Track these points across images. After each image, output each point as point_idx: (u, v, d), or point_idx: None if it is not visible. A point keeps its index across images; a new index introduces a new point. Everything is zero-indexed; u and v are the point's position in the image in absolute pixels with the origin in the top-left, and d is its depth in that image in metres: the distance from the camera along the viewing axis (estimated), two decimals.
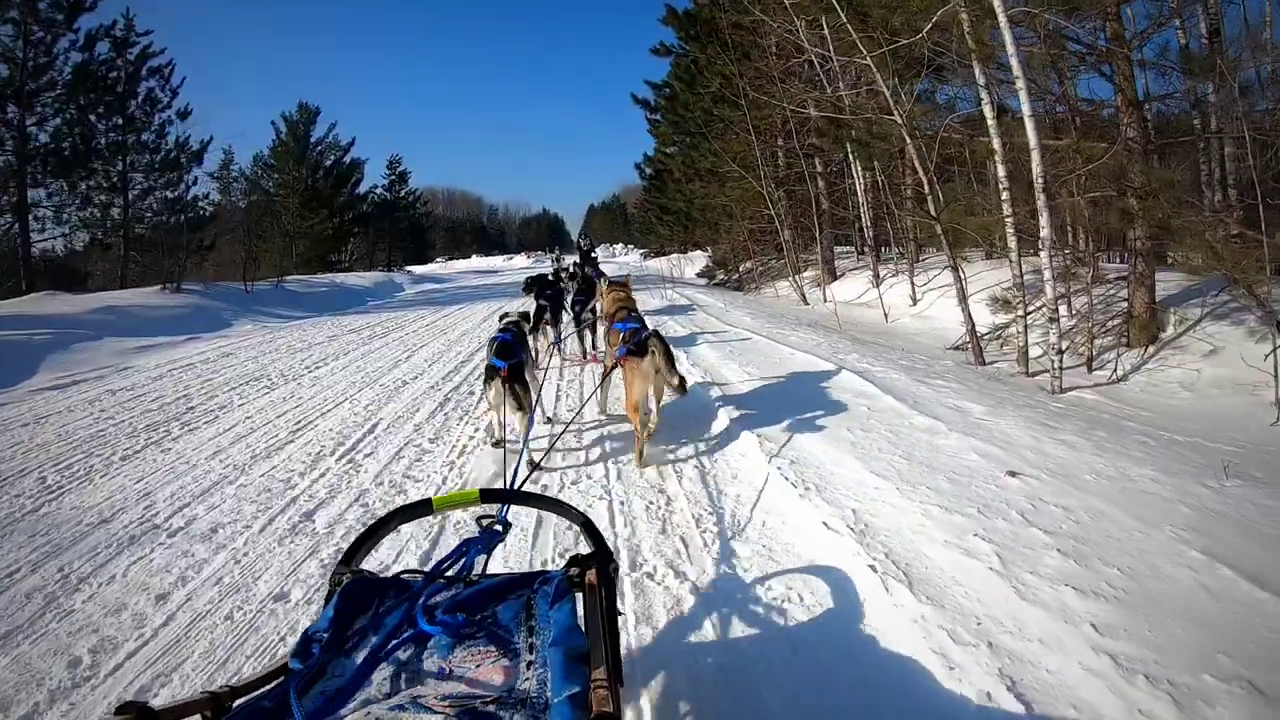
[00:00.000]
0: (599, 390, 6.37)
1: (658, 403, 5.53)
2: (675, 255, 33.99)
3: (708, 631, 3.06)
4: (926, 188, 9.89)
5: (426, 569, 1.91)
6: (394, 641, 1.62)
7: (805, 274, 17.90)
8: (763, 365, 8.01)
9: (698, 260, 29.63)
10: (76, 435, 6.79)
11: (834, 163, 18.15)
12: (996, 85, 8.95)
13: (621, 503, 4.48)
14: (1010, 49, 7.46)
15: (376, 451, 5.82)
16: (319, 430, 6.56)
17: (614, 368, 5.54)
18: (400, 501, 4.46)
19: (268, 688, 1.54)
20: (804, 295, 16.78)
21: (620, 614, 2.67)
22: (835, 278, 17.17)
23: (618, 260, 48.90)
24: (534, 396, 5.69)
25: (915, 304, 13.14)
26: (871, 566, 3.28)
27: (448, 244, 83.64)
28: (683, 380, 5.20)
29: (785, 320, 12.46)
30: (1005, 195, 8.23)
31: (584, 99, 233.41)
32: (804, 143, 17.08)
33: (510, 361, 5.28)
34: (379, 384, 8.56)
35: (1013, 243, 8.38)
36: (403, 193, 51.24)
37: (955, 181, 13.76)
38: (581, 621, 1.69)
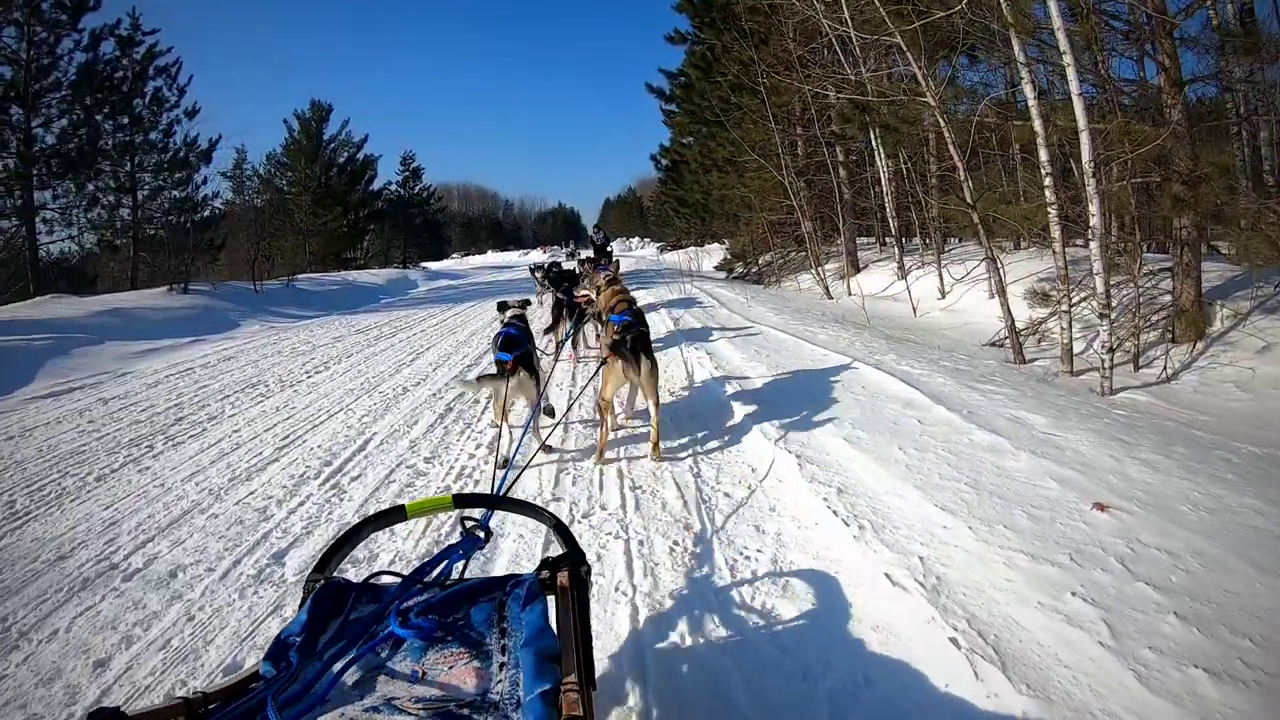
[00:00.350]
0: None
1: (655, 405, 5.11)
2: (692, 248, 33.39)
3: None
4: (962, 174, 9.28)
5: (402, 573, 1.91)
6: (367, 645, 1.60)
7: (828, 266, 17.28)
8: (792, 367, 7.43)
9: (715, 253, 28.98)
10: (59, 450, 6.35)
11: (855, 151, 17.56)
12: (1035, 65, 8.36)
13: (640, 543, 3.83)
14: (1057, 22, 6.90)
15: (365, 474, 5.22)
16: (306, 447, 6.00)
17: (603, 363, 5.25)
18: (381, 538, 3.91)
19: (241, 694, 1.50)
20: (828, 289, 16.16)
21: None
22: (859, 270, 16.56)
23: (634, 254, 48.41)
24: (540, 388, 5.47)
25: (944, 297, 12.53)
26: (953, 640, 2.67)
27: (463, 240, 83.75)
28: (657, 400, 5.12)
29: (810, 315, 11.86)
30: (1048, 181, 7.66)
31: (598, 91, 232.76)
32: (825, 130, 16.52)
33: (516, 353, 5.15)
34: (378, 391, 8.00)
35: (1056, 231, 7.79)
36: (417, 189, 51.06)
37: (982, 169, 13.18)
38: (553, 623, 1.69)
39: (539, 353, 6.22)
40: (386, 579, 1.91)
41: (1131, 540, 3.27)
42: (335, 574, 1.97)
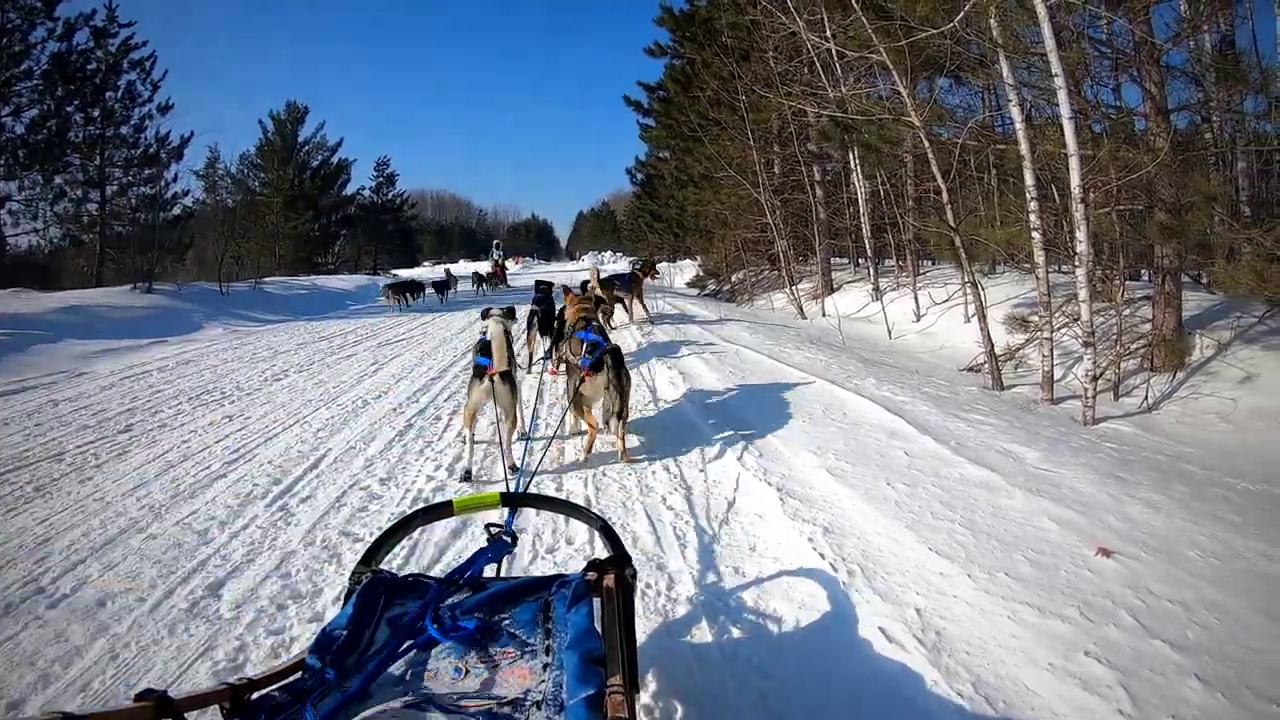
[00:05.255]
0: (571, 406, 5.68)
1: (624, 417, 5.28)
2: (664, 264, 33.30)
3: None
4: (945, 197, 9.15)
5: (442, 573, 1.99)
6: (411, 641, 1.61)
7: (801, 286, 17.17)
8: (768, 390, 7.22)
9: (688, 269, 28.94)
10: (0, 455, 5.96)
11: (831, 171, 17.51)
12: (1023, 88, 8.25)
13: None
14: (1050, 44, 6.75)
15: (315, 495, 4.88)
16: (256, 462, 5.66)
17: (582, 381, 5.23)
18: (327, 570, 3.63)
19: (285, 682, 1.54)
20: (801, 308, 16.07)
21: None
22: (833, 290, 16.47)
23: (607, 269, 48.04)
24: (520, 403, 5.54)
25: (919, 320, 12.47)
26: (959, 710, 2.42)
27: (435, 248, 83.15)
28: (624, 414, 5.31)
29: (784, 335, 11.68)
30: (1033, 205, 7.52)
31: (575, 105, 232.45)
32: (803, 149, 16.46)
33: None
34: (337, 403, 7.68)
35: (1040, 256, 7.65)
36: (390, 195, 50.41)
37: (960, 192, 13.11)
38: (599, 625, 1.67)
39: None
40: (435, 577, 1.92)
41: (1141, 590, 3.07)
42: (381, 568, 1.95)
